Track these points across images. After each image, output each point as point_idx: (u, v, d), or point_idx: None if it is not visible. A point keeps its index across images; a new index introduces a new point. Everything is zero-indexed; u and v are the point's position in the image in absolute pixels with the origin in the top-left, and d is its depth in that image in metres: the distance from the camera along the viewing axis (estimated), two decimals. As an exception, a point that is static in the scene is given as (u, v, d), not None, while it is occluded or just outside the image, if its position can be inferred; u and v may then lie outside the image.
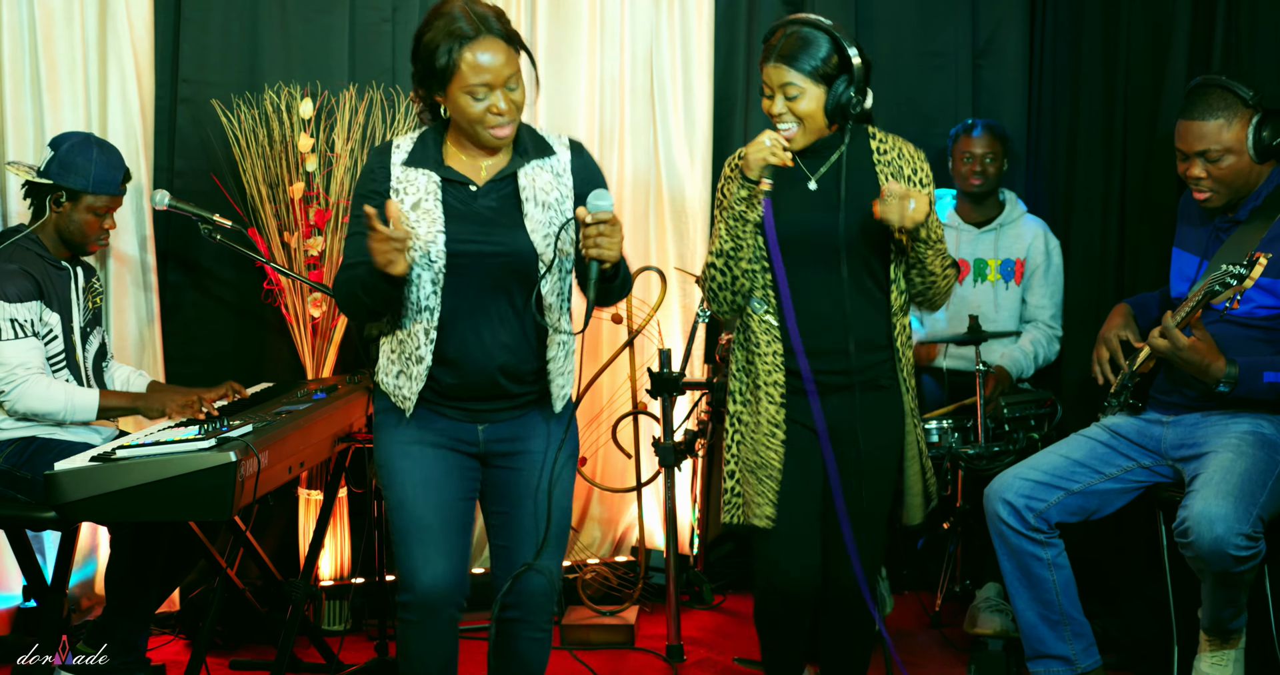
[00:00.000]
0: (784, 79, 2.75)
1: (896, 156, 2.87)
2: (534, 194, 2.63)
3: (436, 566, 2.59)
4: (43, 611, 3.30)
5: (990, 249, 4.23)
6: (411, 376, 2.63)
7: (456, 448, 2.67)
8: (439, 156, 2.63)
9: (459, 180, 2.62)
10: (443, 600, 2.61)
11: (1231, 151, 3.17)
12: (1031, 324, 4.21)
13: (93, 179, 3.38)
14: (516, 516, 2.69)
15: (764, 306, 2.85)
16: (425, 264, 2.57)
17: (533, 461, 2.68)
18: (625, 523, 4.53)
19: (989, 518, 3.27)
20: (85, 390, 3.31)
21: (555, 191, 2.66)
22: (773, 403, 2.84)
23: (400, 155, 2.63)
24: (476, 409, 2.66)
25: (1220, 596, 3.04)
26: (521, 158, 2.65)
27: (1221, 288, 2.92)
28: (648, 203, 4.51)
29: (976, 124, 4.23)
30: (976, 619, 3.76)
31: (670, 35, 4.45)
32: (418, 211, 2.58)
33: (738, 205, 2.78)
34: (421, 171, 2.61)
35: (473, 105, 2.53)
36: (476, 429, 2.67)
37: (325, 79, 4.12)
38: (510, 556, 2.70)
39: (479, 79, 2.51)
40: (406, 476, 2.62)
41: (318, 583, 3.99)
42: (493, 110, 2.54)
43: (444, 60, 2.51)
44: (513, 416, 2.68)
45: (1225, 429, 3.14)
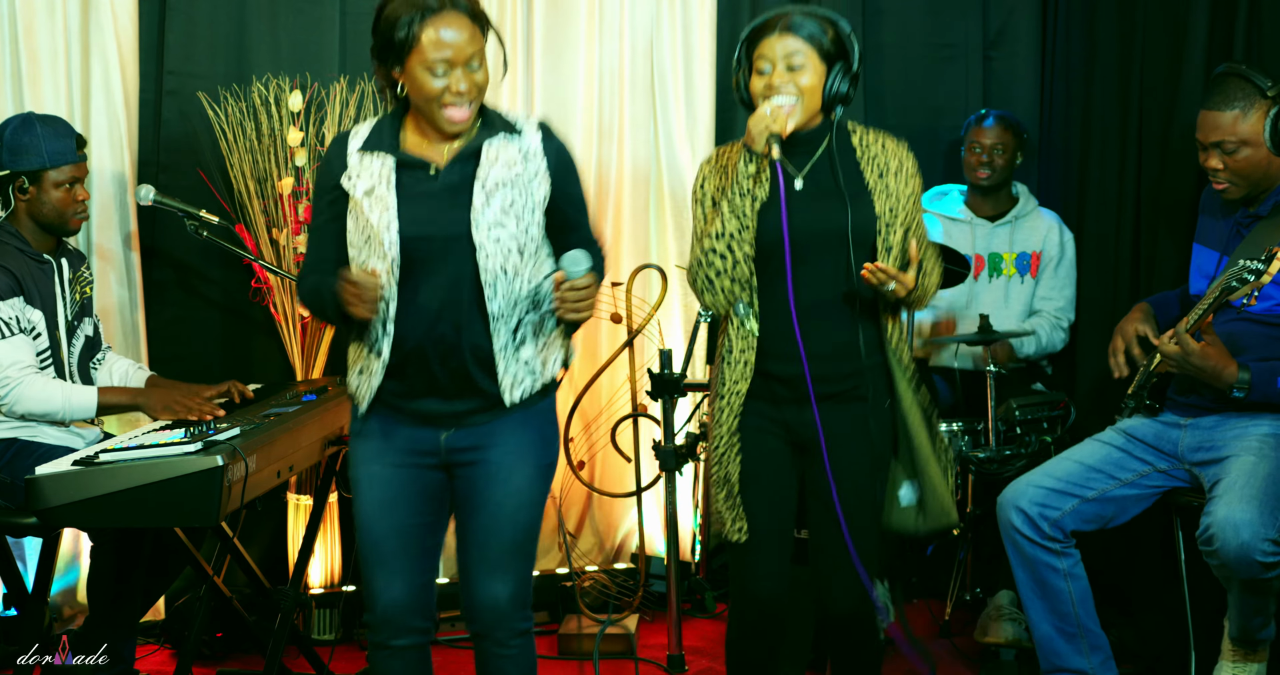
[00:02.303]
0: (789, 48, 2.72)
1: (880, 149, 2.82)
2: (489, 173, 2.57)
3: (394, 589, 2.64)
4: (23, 620, 3.30)
5: (1005, 243, 4.23)
6: (370, 372, 2.61)
7: (418, 463, 2.65)
8: (395, 140, 2.60)
9: (416, 163, 2.58)
10: (401, 624, 2.65)
11: (1248, 143, 3.16)
12: (1036, 314, 4.22)
13: (47, 153, 3.35)
14: (472, 528, 2.66)
15: (748, 311, 2.82)
16: (379, 253, 2.54)
17: (490, 473, 2.64)
18: (625, 529, 4.53)
19: (1002, 527, 3.26)
20: (83, 388, 3.30)
21: (519, 167, 2.60)
22: (732, 414, 2.83)
23: (356, 142, 2.61)
24: (439, 413, 2.63)
25: (1248, 605, 3.03)
26: (487, 132, 2.60)
27: (1239, 284, 2.91)
28: (648, 198, 4.51)
29: (989, 115, 4.23)
30: (988, 628, 3.76)
31: (671, 26, 4.45)
32: (370, 198, 2.55)
33: (743, 181, 2.74)
34: (376, 155, 2.58)
35: (431, 82, 2.49)
36: (439, 436, 2.64)
37: (315, 71, 4.12)
38: (464, 572, 2.68)
39: (439, 54, 2.47)
40: (367, 496, 2.65)
41: (307, 590, 3.99)
42: (451, 88, 2.50)
43: (403, 32, 2.47)
44: (478, 423, 2.64)
45: (1245, 431, 3.13)
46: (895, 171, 2.81)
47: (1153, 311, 3.44)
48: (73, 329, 3.44)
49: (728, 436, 2.84)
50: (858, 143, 2.83)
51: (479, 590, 2.65)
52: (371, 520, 2.64)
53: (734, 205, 2.75)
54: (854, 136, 2.84)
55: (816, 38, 2.73)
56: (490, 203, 2.56)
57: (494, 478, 2.64)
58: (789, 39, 2.73)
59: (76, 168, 3.41)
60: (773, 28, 2.75)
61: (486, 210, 2.55)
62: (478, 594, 2.65)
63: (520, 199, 2.59)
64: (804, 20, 2.74)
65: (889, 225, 2.77)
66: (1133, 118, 4.11)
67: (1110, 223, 4.19)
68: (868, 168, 2.81)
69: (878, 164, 2.81)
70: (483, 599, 2.65)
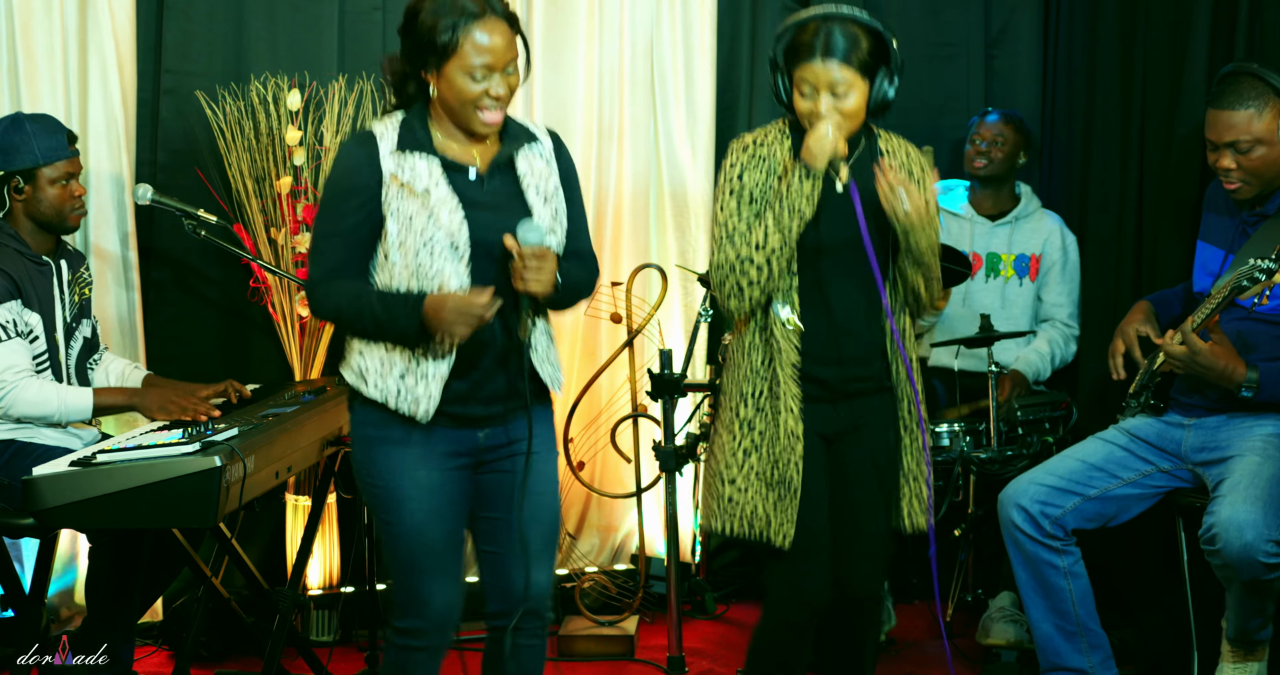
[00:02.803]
0: (833, 76, 2.70)
1: (905, 156, 2.88)
2: (533, 182, 2.63)
3: (449, 594, 2.65)
4: (20, 622, 3.30)
5: (1004, 243, 4.22)
6: (426, 376, 2.56)
7: (458, 465, 2.65)
8: (430, 141, 2.60)
9: (456, 166, 2.60)
10: (450, 626, 2.68)
11: (1262, 142, 3.16)
12: (1048, 323, 4.21)
13: (39, 150, 3.34)
14: (509, 521, 2.68)
15: (789, 312, 2.83)
16: (450, 255, 2.53)
17: (522, 464, 2.68)
18: (625, 529, 4.53)
19: (1003, 524, 3.26)
20: (78, 390, 3.30)
21: (551, 179, 2.67)
22: (792, 414, 2.82)
23: (388, 144, 2.58)
24: (480, 415, 2.64)
25: (1248, 605, 3.04)
26: (515, 142, 2.64)
27: (1249, 283, 2.91)
28: (648, 198, 4.51)
29: (993, 111, 4.24)
30: (989, 630, 3.76)
31: (671, 24, 4.45)
32: (431, 198, 2.54)
33: (797, 199, 2.73)
34: (419, 155, 2.57)
35: (471, 86, 2.51)
36: (477, 436, 2.65)
37: (314, 69, 4.12)
38: (502, 562, 2.70)
39: (481, 60, 2.49)
40: (417, 505, 2.60)
41: (306, 592, 3.99)
42: (490, 93, 2.52)
43: (447, 37, 2.48)
44: (510, 419, 2.67)
45: (1249, 432, 3.14)
46: (917, 179, 2.86)
47: (1154, 311, 3.45)
48: (71, 331, 3.44)
49: (786, 438, 2.83)
50: (884, 147, 2.87)
51: (523, 579, 2.67)
52: (425, 527, 2.61)
53: (781, 222, 2.75)
54: (881, 140, 2.88)
55: (856, 56, 2.70)
56: (545, 209, 2.62)
57: (531, 469, 2.67)
58: (831, 65, 2.70)
59: (70, 163, 3.40)
60: (811, 52, 2.71)
61: (544, 214, 2.61)
62: (522, 584, 2.67)
63: (561, 207, 2.66)
64: (840, 40, 2.70)
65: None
66: (1135, 117, 4.11)
67: (1112, 222, 4.19)
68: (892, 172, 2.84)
69: (903, 171, 2.86)
70: (526, 589, 2.67)
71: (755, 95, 4.52)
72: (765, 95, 4.51)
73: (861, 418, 2.88)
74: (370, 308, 2.55)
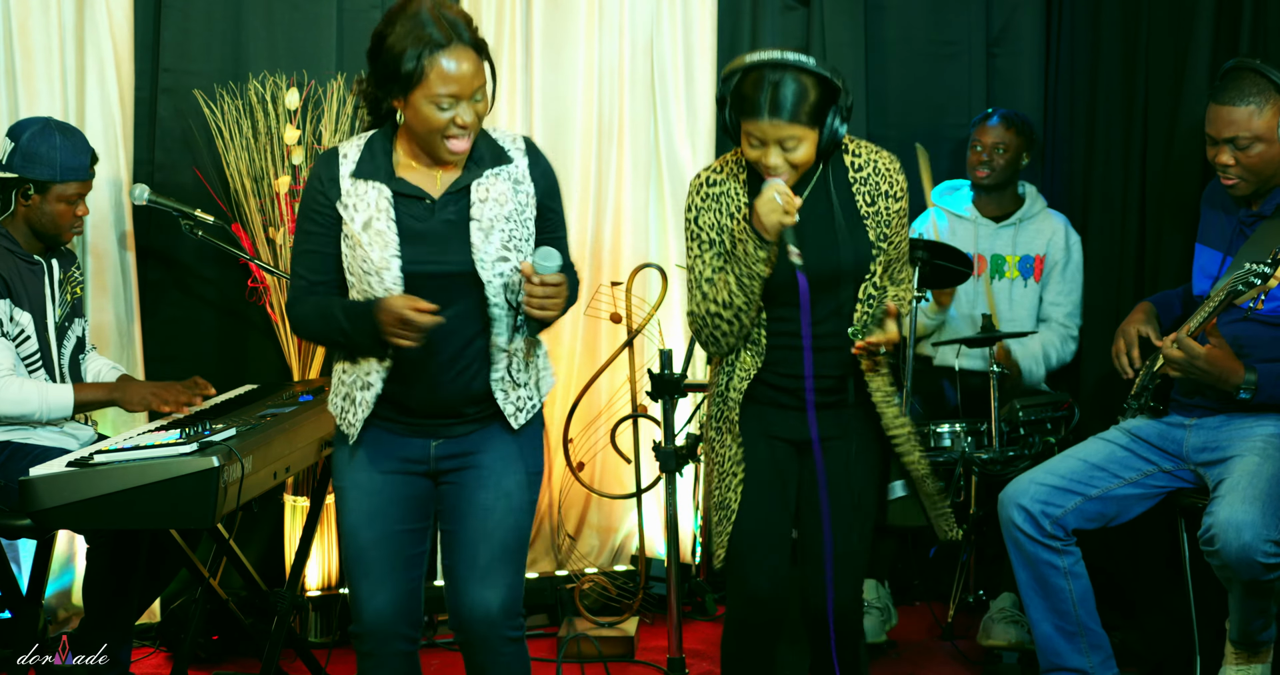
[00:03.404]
0: (782, 134, 2.66)
1: (872, 172, 2.81)
2: (483, 211, 2.60)
3: (379, 599, 2.66)
4: (17, 623, 3.30)
5: (1009, 244, 4.22)
6: (357, 402, 2.64)
7: (407, 470, 2.67)
8: (389, 167, 2.60)
9: (413, 194, 2.60)
10: (388, 632, 2.67)
11: (1262, 139, 3.16)
12: (1045, 324, 4.21)
13: (60, 167, 3.36)
14: (460, 535, 2.67)
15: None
16: (380, 291, 2.55)
17: (480, 478, 2.66)
18: (625, 530, 4.53)
19: (1003, 524, 3.27)
20: (59, 387, 3.31)
21: (512, 202, 2.63)
22: (735, 440, 2.87)
23: (348, 166, 2.60)
24: (430, 425, 2.66)
25: (1249, 606, 3.04)
26: (477, 167, 2.62)
27: (1245, 287, 2.92)
28: (648, 197, 4.51)
29: (994, 114, 4.23)
30: (990, 631, 3.77)
31: (672, 22, 4.45)
32: (369, 232, 2.56)
33: (753, 264, 2.72)
34: (371, 184, 2.58)
35: (437, 115, 2.51)
36: (429, 445, 2.67)
37: (312, 68, 4.12)
38: (451, 579, 2.68)
39: (447, 89, 2.49)
40: (354, 506, 2.66)
41: (304, 593, 3.99)
42: (457, 121, 2.51)
43: (411, 65, 2.47)
44: (467, 431, 2.67)
45: (1250, 432, 3.14)
46: (886, 193, 2.82)
47: (1155, 311, 3.45)
48: (63, 330, 3.45)
49: (730, 464, 2.87)
50: (850, 162, 2.82)
51: (468, 598, 2.64)
52: (357, 529, 2.65)
53: (744, 285, 2.75)
54: (846, 155, 2.83)
55: (804, 111, 2.65)
56: (490, 240, 2.59)
57: (483, 483, 2.66)
58: (780, 125, 2.66)
59: (83, 185, 3.43)
60: (757, 110, 2.66)
61: (487, 247, 2.59)
62: (467, 602, 2.65)
63: (519, 231, 2.62)
64: (788, 97, 2.64)
65: (880, 252, 2.80)
66: (1137, 116, 4.11)
67: (1115, 222, 4.19)
68: (860, 192, 2.81)
69: (869, 186, 2.81)
70: (473, 607, 2.64)
71: (756, 94, 4.52)
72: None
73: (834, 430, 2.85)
74: (336, 318, 2.58)
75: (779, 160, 2.69)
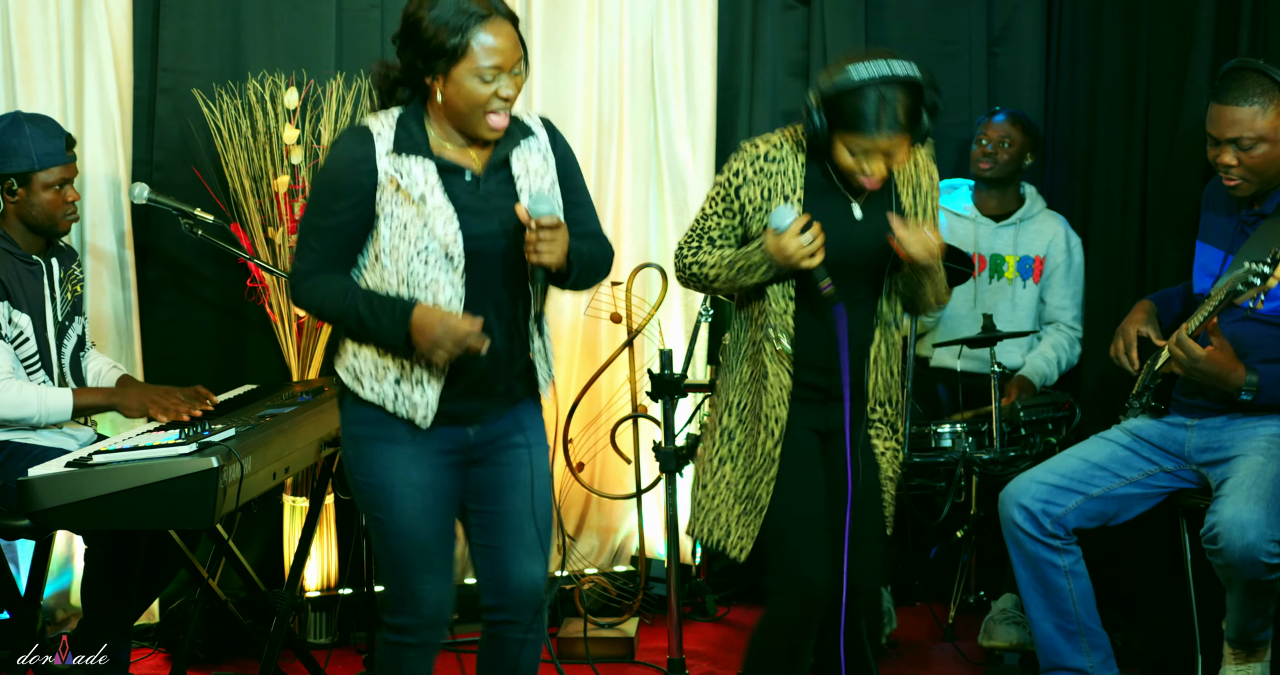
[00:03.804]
0: (894, 145, 2.71)
1: (913, 166, 2.89)
2: (528, 182, 2.63)
3: (442, 591, 2.68)
4: (16, 624, 3.30)
5: (1009, 244, 4.22)
6: (421, 382, 2.59)
7: (449, 463, 2.67)
8: (426, 143, 2.60)
9: (454, 169, 2.60)
10: (441, 622, 2.70)
11: (1265, 140, 3.16)
12: (1052, 326, 4.21)
13: (36, 155, 3.34)
14: (506, 514, 2.70)
15: (781, 335, 2.84)
16: (445, 265, 2.55)
17: (521, 457, 2.70)
18: (625, 531, 4.53)
19: (1004, 523, 3.27)
20: (57, 390, 3.30)
21: (549, 173, 2.67)
22: (771, 437, 2.86)
23: (384, 144, 2.57)
24: (470, 413, 2.66)
25: (1249, 606, 3.04)
26: (509, 140, 2.64)
27: (1245, 287, 2.92)
28: (648, 196, 4.51)
29: (1001, 111, 4.24)
30: (992, 632, 3.77)
31: (672, 21, 4.45)
32: (426, 206, 2.54)
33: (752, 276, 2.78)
34: (415, 159, 2.57)
35: (480, 88, 2.51)
36: (467, 432, 2.67)
37: (311, 68, 4.12)
38: (499, 556, 2.71)
39: (491, 61, 2.50)
40: (409, 504, 2.62)
41: (303, 594, 3.99)
42: (500, 94, 2.52)
43: (456, 39, 2.48)
44: (501, 413, 2.70)
45: (1253, 432, 3.15)
46: (926, 188, 2.90)
47: (1155, 310, 3.45)
48: (64, 330, 3.45)
49: (762, 459, 2.87)
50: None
51: (521, 573, 2.69)
52: (417, 525, 2.63)
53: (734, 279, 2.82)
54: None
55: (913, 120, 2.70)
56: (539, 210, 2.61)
57: (524, 462, 2.70)
58: (894, 138, 2.70)
59: (66, 169, 3.40)
60: (872, 127, 2.67)
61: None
62: (519, 576, 2.69)
63: (559, 202, 2.64)
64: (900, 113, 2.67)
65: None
66: (1139, 115, 4.11)
67: (1116, 222, 4.19)
68: (904, 188, 2.88)
69: (911, 183, 2.89)
70: (525, 581, 2.70)
71: (756, 93, 4.52)
72: (766, 93, 4.52)
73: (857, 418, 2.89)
74: (355, 309, 2.56)
75: (883, 168, 2.74)
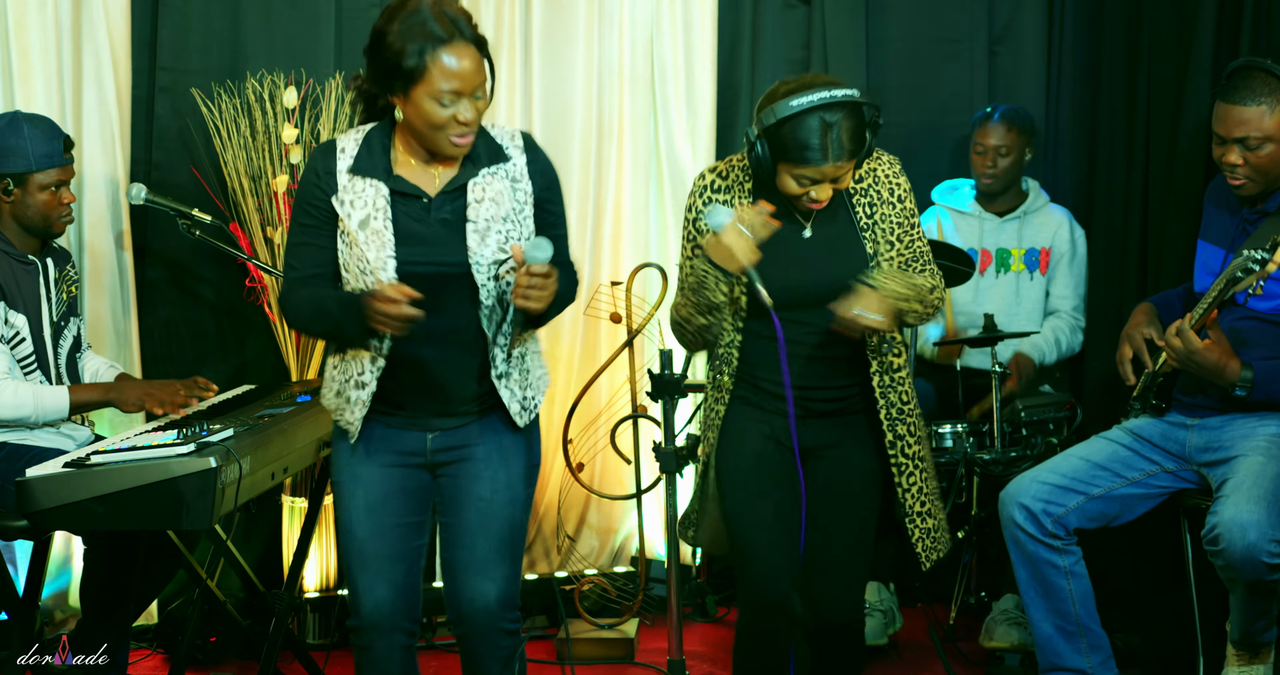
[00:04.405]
0: (840, 172, 2.68)
1: (872, 182, 2.83)
2: (481, 212, 2.61)
3: (377, 593, 2.67)
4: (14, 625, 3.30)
5: (1014, 238, 4.23)
6: (352, 401, 2.65)
7: (405, 463, 2.69)
8: (387, 163, 2.61)
9: (410, 193, 2.60)
10: (386, 626, 2.68)
11: (1272, 139, 3.16)
12: (1053, 315, 4.23)
13: (34, 156, 3.35)
14: (458, 527, 2.69)
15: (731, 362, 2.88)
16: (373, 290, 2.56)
17: (478, 470, 2.68)
18: (625, 532, 4.54)
19: (1004, 523, 3.27)
20: (53, 388, 3.31)
21: (509, 202, 2.63)
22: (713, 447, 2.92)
23: (345, 161, 2.60)
24: (424, 419, 2.68)
25: (1251, 607, 3.04)
26: (473, 166, 2.63)
27: (1243, 274, 2.91)
28: (648, 196, 4.52)
29: (994, 113, 4.23)
30: (993, 632, 3.77)
31: (672, 21, 4.45)
32: (365, 231, 2.56)
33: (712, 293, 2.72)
34: (369, 182, 2.59)
35: (438, 112, 2.51)
36: (426, 437, 2.68)
37: (310, 67, 4.13)
38: (450, 570, 2.70)
39: (449, 85, 2.49)
40: (351, 501, 2.68)
41: (302, 594, 3.99)
42: (458, 118, 2.52)
43: (414, 61, 2.47)
44: (463, 423, 2.69)
45: (1253, 431, 3.14)
46: (886, 200, 2.82)
47: (1156, 312, 3.45)
48: (59, 330, 3.45)
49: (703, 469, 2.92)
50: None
51: (466, 589, 2.67)
52: (356, 522, 2.67)
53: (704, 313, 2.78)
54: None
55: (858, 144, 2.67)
56: (486, 242, 2.60)
57: (480, 475, 2.68)
58: (840, 164, 2.67)
59: (63, 170, 3.41)
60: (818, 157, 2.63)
61: (484, 249, 2.59)
62: (465, 593, 2.67)
63: (516, 231, 2.63)
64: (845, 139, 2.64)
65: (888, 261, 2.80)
66: (1140, 113, 4.11)
67: (1118, 220, 4.20)
68: (860, 204, 2.82)
69: (869, 197, 2.82)
70: (471, 599, 2.66)
71: (756, 93, 4.51)
72: (766, 93, 4.51)
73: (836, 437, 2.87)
74: (328, 309, 2.60)
75: (828, 194, 2.71)
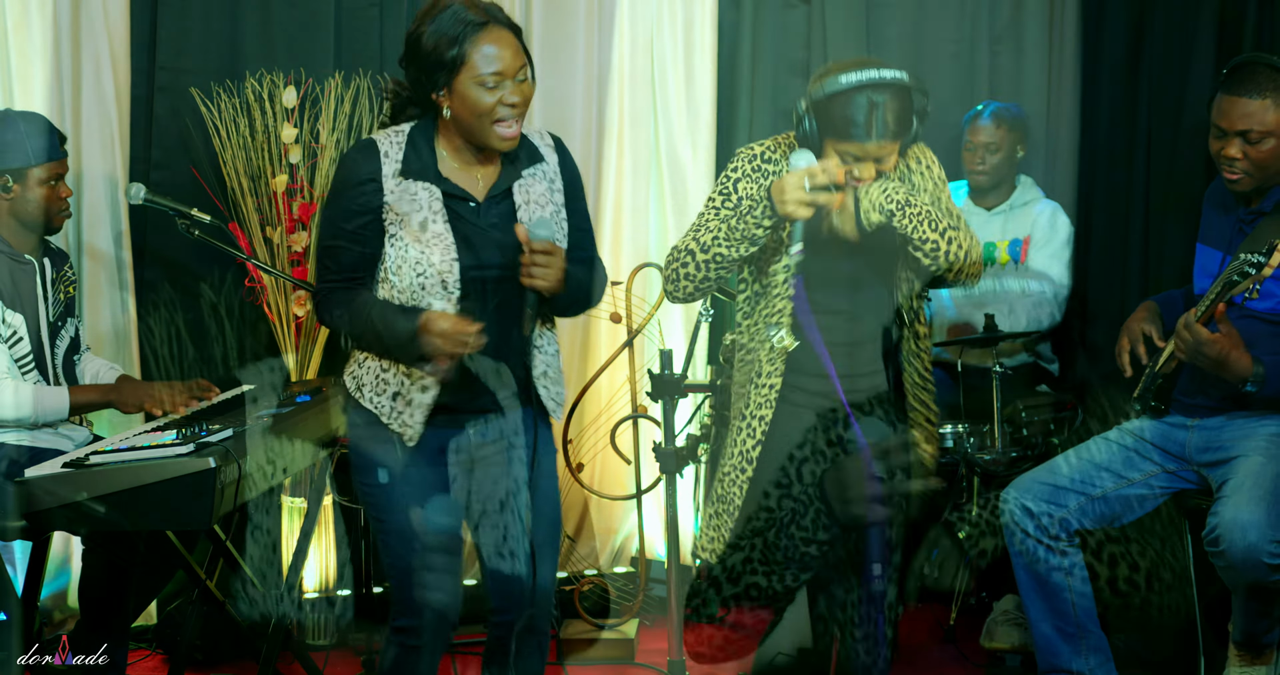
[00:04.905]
0: (884, 151, 2.73)
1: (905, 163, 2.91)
2: (528, 213, 2.65)
3: (444, 591, 2.69)
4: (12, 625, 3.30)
5: (998, 231, 4.24)
6: (413, 404, 2.64)
7: (450, 462, 2.70)
8: (435, 165, 2.63)
9: (460, 195, 2.63)
10: (447, 623, 2.71)
11: (1273, 134, 3.16)
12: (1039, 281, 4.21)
13: (30, 151, 3.35)
14: (515, 514, 2.72)
15: (779, 332, 2.85)
16: (440, 294, 2.58)
17: (524, 459, 2.71)
18: (625, 532, 4.54)
19: (1005, 524, 3.27)
20: (54, 389, 3.31)
21: (550, 203, 2.69)
22: (751, 436, 2.89)
23: (391, 164, 2.61)
24: (468, 417, 2.69)
25: (1254, 608, 3.04)
26: (513, 167, 2.67)
27: (1240, 277, 2.92)
28: (648, 196, 4.52)
29: (985, 109, 4.24)
30: (994, 633, 3.77)
31: (672, 21, 4.45)
32: (426, 234, 2.58)
33: (751, 227, 2.74)
34: (421, 184, 2.61)
35: (484, 97, 2.53)
36: (469, 434, 2.70)
37: (309, 66, 4.13)
38: (509, 557, 2.73)
39: (491, 68, 2.52)
40: (405, 504, 2.66)
41: (301, 595, 3.99)
42: (504, 101, 2.54)
43: (454, 51, 2.51)
44: (503, 416, 2.71)
45: (1252, 432, 3.14)
46: (915, 170, 2.90)
47: (1159, 310, 3.45)
48: (56, 330, 3.45)
49: (738, 458, 2.89)
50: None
51: (529, 574, 2.70)
52: (419, 528, 2.66)
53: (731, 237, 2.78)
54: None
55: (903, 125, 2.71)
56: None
57: (527, 463, 2.71)
58: (884, 144, 2.72)
59: (59, 164, 3.42)
60: (862, 134, 2.69)
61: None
62: (525, 578, 2.71)
63: (560, 231, 2.68)
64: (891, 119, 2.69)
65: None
66: (1141, 112, 4.12)
67: (1119, 221, 4.20)
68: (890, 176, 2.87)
69: (899, 171, 2.88)
70: (536, 584, 2.71)
71: (756, 93, 4.52)
72: (766, 94, 4.52)
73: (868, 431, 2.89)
74: (370, 319, 2.60)
75: (871, 173, 2.75)
